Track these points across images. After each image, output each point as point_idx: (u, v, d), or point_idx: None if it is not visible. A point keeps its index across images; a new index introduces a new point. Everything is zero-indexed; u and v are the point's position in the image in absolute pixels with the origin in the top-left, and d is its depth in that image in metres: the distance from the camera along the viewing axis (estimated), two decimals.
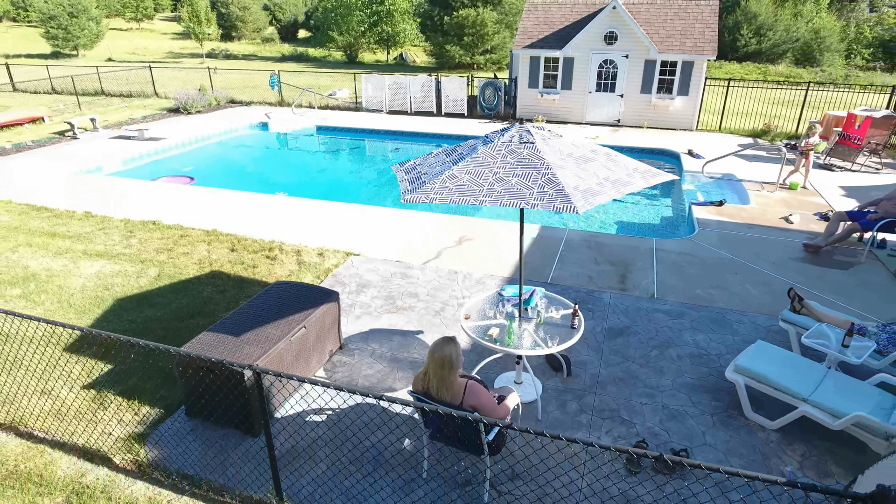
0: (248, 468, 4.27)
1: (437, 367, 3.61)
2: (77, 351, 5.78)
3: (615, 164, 3.99)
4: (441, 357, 3.61)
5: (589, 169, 3.79)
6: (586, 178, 3.65)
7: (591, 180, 3.66)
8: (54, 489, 4.14)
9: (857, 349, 4.86)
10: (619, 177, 3.79)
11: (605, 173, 3.78)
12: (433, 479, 4.16)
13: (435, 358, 3.64)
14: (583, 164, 3.83)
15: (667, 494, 4.02)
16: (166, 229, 8.72)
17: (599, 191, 3.58)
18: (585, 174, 3.70)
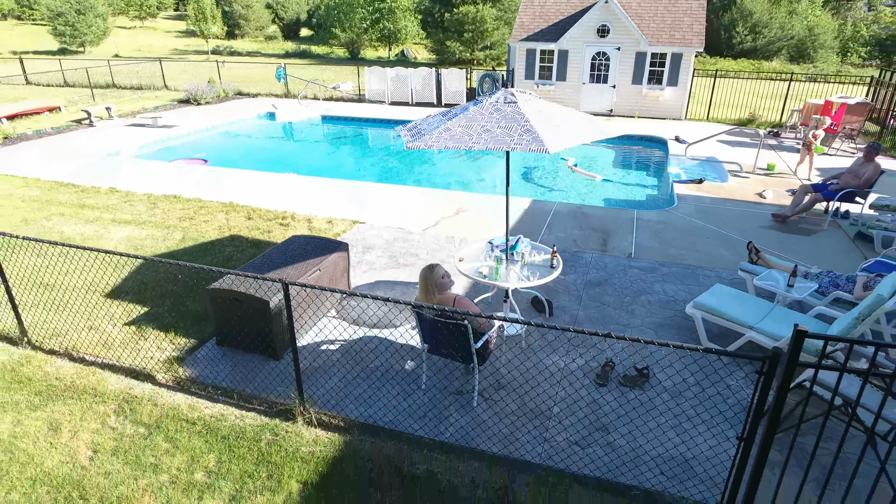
0: (273, 382, 5.00)
1: (423, 288, 4.36)
2: (115, 297, 6.51)
3: (581, 119, 4.72)
4: (425, 278, 4.37)
5: (560, 122, 4.51)
6: (557, 129, 4.38)
7: (562, 131, 4.38)
8: (107, 398, 4.87)
9: (800, 289, 5.57)
10: (584, 128, 4.52)
11: (572, 125, 4.51)
12: (430, 390, 4.89)
13: (421, 281, 4.39)
14: (555, 119, 4.56)
15: (629, 400, 4.75)
16: (186, 202, 9.46)
17: (567, 138, 4.31)
18: (557, 126, 4.43)
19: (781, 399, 3.26)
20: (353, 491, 3.90)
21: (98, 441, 4.37)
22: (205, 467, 4.12)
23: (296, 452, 4.24)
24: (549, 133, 4.27)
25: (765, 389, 3.27)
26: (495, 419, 4.56)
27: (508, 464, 4.13)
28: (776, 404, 3.29)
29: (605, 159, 13.80)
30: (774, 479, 3.57)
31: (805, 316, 5.31)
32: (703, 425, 4.45)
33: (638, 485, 3.94)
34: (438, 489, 3.90)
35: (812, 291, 5.58)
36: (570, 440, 4.34)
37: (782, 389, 3.24)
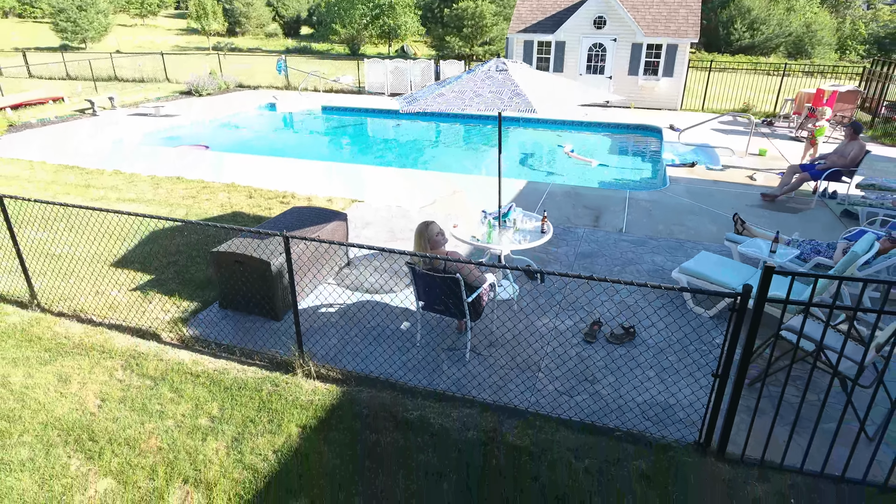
0: (273, 340, 5.20)
1: (417, 244, 4.57)
2: (121, 266, 6.71)
3: (569, 86, 4.92)
4: (420, 233, 4.58)
5: (549, 88, 4.72)
6: (546, 93, 4.58)
7: (551, 94, 4.58)
8: (114, 355, 5.07)
9: (782, 254, 5.77)
10: (572, 93, 4.72)
11: (561, 91, 4.71)
12: (425, 347, 5.09)
13: (416, 236, 4.60)
14: (545, 85, 4.76)
15: (616, 356, 4.95)
16: (189, 182, 9.66)
17: (556, 101, 4.51)
18: (546, 91, 4.63)
19: (753, 334, 3.46)
20: (350, 433, 4.10)
21: (106, 391, 4.58)
22: (208, 414, 4.32)
23: (295, 401, 4.44)
24: (538, 96, 4.47)
25: (737, 325, 3.48)
26: (487, 372, 4.76)
27: (498, 410, 4.33)
28: (748, 340, 3.50)
29: (601, 146, 14.01)
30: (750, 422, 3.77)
31: (784, 279, 5.50)
32: (685, 376, 4.65)
33: (621, 426, 4.15)
34: (431, 432, 4.10)
35: (793, 257, 5.78)
36: (557, 390, 4.54)
37: (753, 325, 3.44)
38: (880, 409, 4.30)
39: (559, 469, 3.76)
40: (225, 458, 3.89)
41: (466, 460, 3.84)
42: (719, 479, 3.69)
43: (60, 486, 3.68)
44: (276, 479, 3.72)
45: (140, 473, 3.77)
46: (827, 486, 3.65)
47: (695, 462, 3.81)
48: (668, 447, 3.94)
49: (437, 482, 3.66)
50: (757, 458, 3.79)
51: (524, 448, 3.94)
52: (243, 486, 3.66)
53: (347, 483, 3.67)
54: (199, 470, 3.79)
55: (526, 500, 3.52)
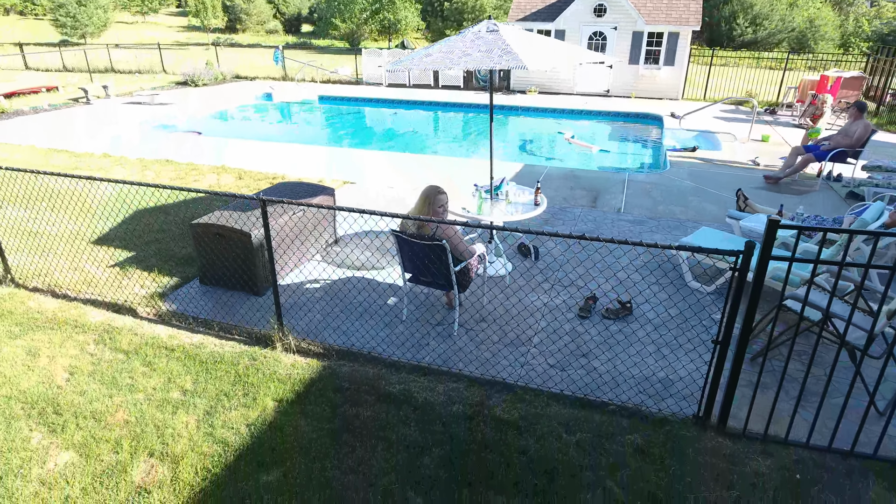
0: (254, 315, 4.98)
1: (421, 202, 4.34)
2: (102, 243, 6.50)
3: (563, 46, 4.69)
4: (426, 196, 4.35)
5: (541, 47, 4.49)
6: (537, 52, 4.35)
7: (542, 53, 4.35)
8: (88, 329, 4.85)
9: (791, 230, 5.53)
10: (565, 52, 4.49)
11: (553, 50, 4.48)
12: (412, 323, 4.87)
13: (421, 196, 4.38)
14: (536, 45, 4.53)
15: (611, 331, 4.72)
16: (178, 165, 9.45)
17: (547, 59, 4.28)
18: (537, 50, 4.40)
19: (756, 296, 3.23)
20: (329, 407, 3.87)
21: (75, 365, 4.36)
22: (181, 387, 4.10)
23: (273, 374, 4.21)
24: (529, 53, 4.24)
25: (739, 286, 3.25)
26: (475, 346, 4.53)
27: (486, 384, 4.11)
28: (751, 303, 3.26)
29: (601, 134, 13.77)
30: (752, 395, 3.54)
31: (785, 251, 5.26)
32: (685, 351, 4.42)
33: (615, 400, 3.91)
34: (414, 405, 3.88)
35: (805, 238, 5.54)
36: (549, 364, 4.31)
37: (756, 286, 3.21)
38: (891, 383, 4.07)
39: (549, 443, 3.53)
40: (195, 431, 3.67)
41: (450, 433, 3.62)
42: (720, 453, 3.46)
43: (18, 458, 3.46)
44: (247, 452, 3.50)
45: (104, 447, 3.55)
46: (835, 460, 3.42)
47: (693, 436, 3.58)
48: (665, 421, 3.71)
49: (419, 455, 3.44)
50: (760, 432, 3.56)
51: (512, 422, 3.72)
52: (212, 459, 3.44)
53: (323, 456, 3.44)
54: (167, 443, 3.57)
55: (512, 474, 3.30)
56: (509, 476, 3.29)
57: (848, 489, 3.22)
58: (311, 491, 3.20)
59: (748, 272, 3.18)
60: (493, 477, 3.28)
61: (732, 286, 3.28)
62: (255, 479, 3.29)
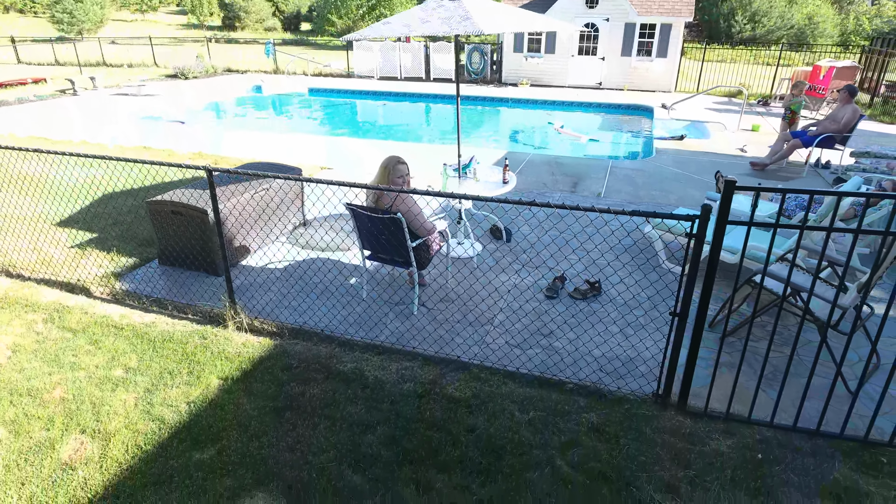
0: (210, 295, 4.81)
1: (381, 173, 4.19)
2: (64, 225, 6.34)
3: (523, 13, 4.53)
4: (385, 167, 4.19)
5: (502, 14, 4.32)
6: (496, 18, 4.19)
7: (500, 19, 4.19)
8: (38, 309, 4.69)
9: (764, 209, 5.36)
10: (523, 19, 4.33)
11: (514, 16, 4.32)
12: (371, 302, 4.70)
13: (380, 168, 4.22)
14: (497, 12, 4.36)
15: (577, 311, 4.55)
16: (155, 151, 9.29)
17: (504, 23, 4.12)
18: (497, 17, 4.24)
19: (714, 264, 3.06)
20: (275, 385, 3.71)
21: (19, 343, 4.20)
22: (124, 365, 3.93)
23: (221, 353, 4.05)
24: (486, 19, 4.08)
25: (696, 253, 3.08)
26: (433, 326, 4.36)
27: (441, 363, 3.94)
28: (708, 272, 3.10)
29: (592, 124, 13.59)
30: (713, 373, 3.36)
31: (766, 233, 5.09)
32: (648, 333, 4.25)
33: (574, 378, 3.74)
34: (364, 384, 3.71)
35: (774, 212, 5.36)
36: (509, 343, 4.14)
37: (714, 253, 3.05)
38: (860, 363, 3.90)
39: (500, 421, 3.36)
40: (132, 409, 3.51)
41: (398, 412, 3.45)
42: (679, 432, 3.29)
43: None
44: (183, 429, 3.33)
45: (35, 424, 3.38)
46: (800, 440, 3.24)
47: (652, 415, 3.41)
48: (625, 400, 3.54)
49: (362, 433, 3.27)
50: (722, 411, 3.39)
51: (463, 400, 3.55)
52: (145, 436, 3.27)
53: (261, 434, 3.28)
54: (101, 421, 3.40)
55: (458, 452, 3.13)
56: (454, 454, 3.12)
57: (813, 469, 3.05)
58: (243, 468, 3.04)
59: (704, 238, 3.01)
60: (438, 455, 3.12)
61: (688, 254, 3.12)
62: (187, 456, 3.13)
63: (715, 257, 3.05)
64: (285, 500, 2.85)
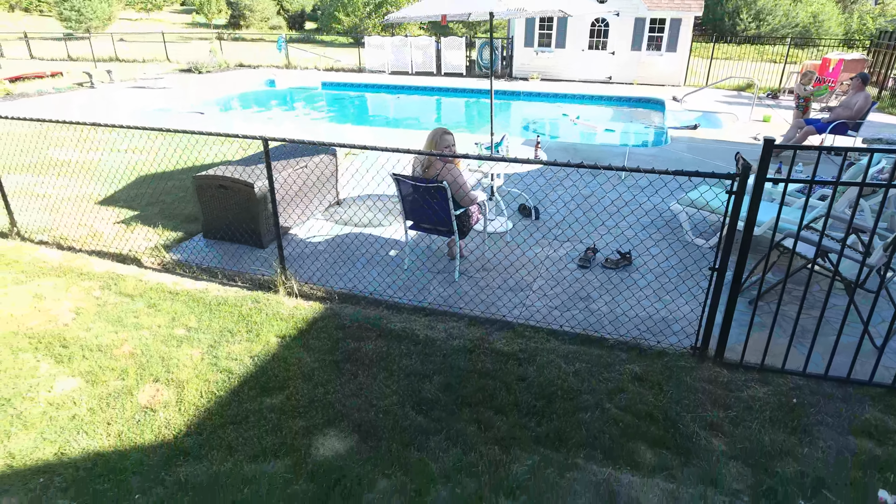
0: (257, 265, 5.03)
1: (428, 143, 4.40)
2: (107, 204, 6.57)
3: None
4: (432, 134, 4.41)
5: None
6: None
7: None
8: (93, 277, 4.91)
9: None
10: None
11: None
12: (414, 271, 4.92)
13: (428, 139, 4.44)
14: None
15: (611, 279, 4.76)
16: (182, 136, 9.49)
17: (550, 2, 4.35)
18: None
19: (751, 221, 3.27)
20: (331, 341, 3.92)
21: (81, 306, 4.42)
22: (185, 325, 4.15)
23: (276, 314, 4.27)
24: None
25: (735, 210, 3.29)
26: (476, 291, 4.58)
27: (486, 322, 4.16)
28: (746, 229, 3.31)
29: (605, 117, 13.80)
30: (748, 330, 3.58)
31: (789, 208, 5.30)
32: (682, 297, 4.45)
33: (614, 335, 3.96)
34: (415, 340, 3.92)
35: (795, 191, 5.58)
36: (549, 306, 4.36)
37: (752, 210, 3.26)
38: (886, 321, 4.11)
39: (548, 371, 3.57)
40: (199, 362, 3.73)
41: (451, 364, 3.66)
42: (717, 380, 3.50)
43: (26, 384, 3.52)
44: (251, 379, 3.55)
45: (110, 375, 3.60)
46: (831, 387, 3.46)
47: (691, 366, 3.62)
48: (664, 353, 3.76)
49: (419, 382, 3.49)
50: (756, 362, 3.60)
51: (512, 354, 3.76)
52: (216, 384, 3.50)
53: (325, 382, 3.50)
54: (171, 372, 3.62)
55: (512, 397, 3.34)
56: (509, 399, 3.33)
57: (844, 411, 3.26)
58: (313, 411, 3.25)
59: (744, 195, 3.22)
60: (494, 399, 3.33)
61: (728, 210, 3.33)
62: (258, 401, 3.35)
63: (753, 214, 3.26)
64: (357, 436, 3.07)
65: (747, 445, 2.98)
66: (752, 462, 2.88)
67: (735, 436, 3.05)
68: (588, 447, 2.97)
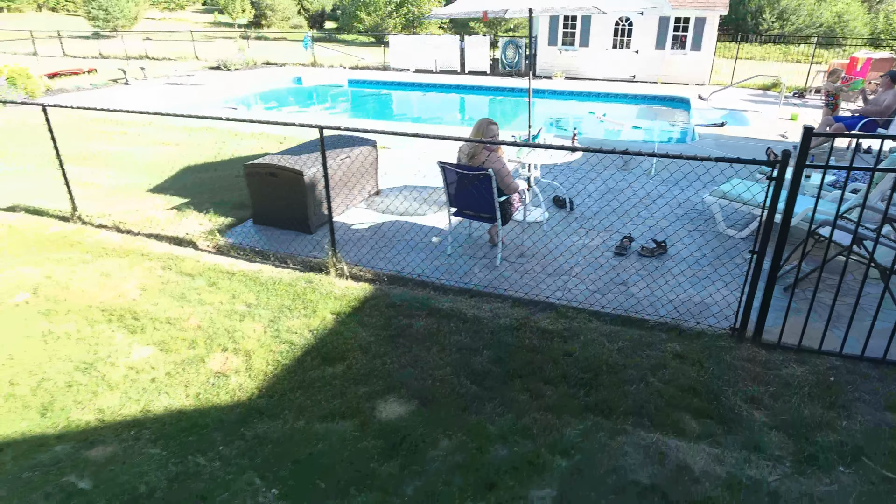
0: (306, 249, 5.28)
1: (475, 133, 4.61)
2: (157, 192, 6.88)
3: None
4: (478, 124, 4.62)
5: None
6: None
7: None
8: (153, 258, 5.20)
9: (816, 179, 5.69)
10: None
11: None
12: (457, 257, 5.13)
13: (474, 127, 4.65)
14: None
15: (651, 270, 4.93)
16: (219, 131, 9.84)
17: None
18: None
19: (790, 206, 3.44)
20: (383, 318, 4.15)
21: (146, 283, 4.70)
22: (245, 302, 4.41)
23: (329, 293, 4.51)
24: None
25: (775, 195, 3.45)
26: (518, 275, 4.78)
27: (529, 304, 4.36)
28: (785, 214, 3.47)
29: (631, 115, 13.91)
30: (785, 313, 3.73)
31: (822, 200, 5.42)
32: (717, 285, 4.60)
33: (654, 316, 4.14)
34: (463, 319, 4.14)
35: (827, 184, 5.69)
36: (589, 290, 4.54)
37: (791, 194, 3.42)
38: None
39: (592, 348, 3.76)
40: (262, 334, 3.98)
41: (499, 340, 3.87)
42: (755, 359, 3.66)
43: (105, 351, 3.79)
44: (312, 350, 3.79)
45: (181, 344, 3.86)
46: (868, 367, 3.60)
47: (730, 346, 3.79)
48: (702, 334, 3.93)
49: (471, 355, 3.70)
50: (794, 344, 3.75)
51: (556, 332, 3.96)
52: (281, 354, 3.74)
53: (382, 354, 3.72)
54: (237, 342, 3.87)
55: (560, 370, 3.54)
56: (557, 371, 3.53)
57: (881, 390, 3.40)
58: (373, 378, 3.48)
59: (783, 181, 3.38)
60: (542, 371, 3.53)
61: (768, 197, 3.49)
62: (321, 369, 3.58)
63: (792, 198, 3.42)
64: (416, 402, 3.29)
65: (787, 418, 3.15)
66: (792, 433, 3.05)
67: (775, 409, 3.22)
68: (635, 415, 3.16)
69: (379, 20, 40.86)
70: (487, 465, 2.82)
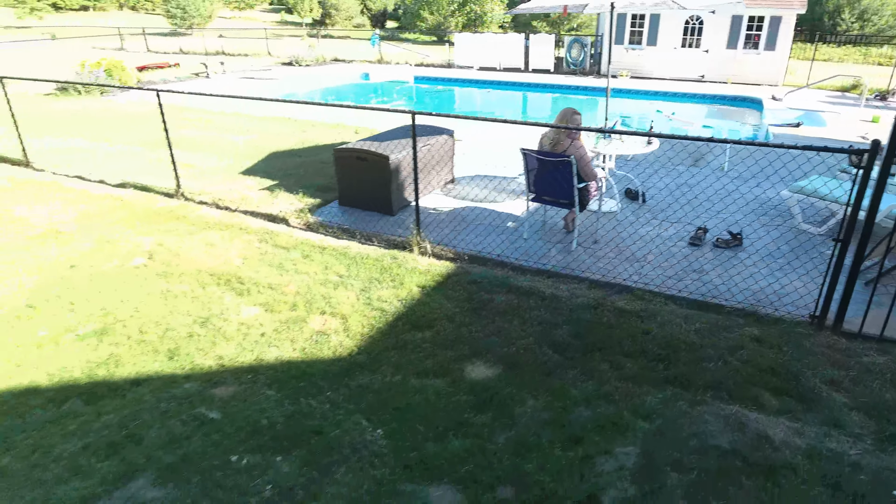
0: (389, 230, 5.62)
1: (558, 122, 4.82)
2: (247, 174, 7.40)
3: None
4: (562, 113, 4.83)
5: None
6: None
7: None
8: (250, 232, 5.65)
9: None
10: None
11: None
12: (533, 242, 5.35)
13: (557, 116, 4.86)
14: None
15: (725, 260, 5.00)
16: (298, 121, 10.40)
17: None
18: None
19: (878, 197, 3.48)
20: (466, 293, 4.41)
21: (246, 253, 5.14)
22: (336, 273, 4.77)
23: (414, 269, 4.81)
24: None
25: (863, 184, 3.50)
26: (593, 260, 4.95)
27: (605, 286, 4.53)
28: (872, 203, 3.51)
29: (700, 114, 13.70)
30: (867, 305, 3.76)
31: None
32: (795, 269, 4.63)
33: (730, 302, 4.23)
34: (542, 297, 4.35)
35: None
36: (664, 275, 4.66)
37: (879, 186, 3.46)
38: None
39: (669, 328, 3.90)
40: (355, 301, 4.32)
41: (577, 317, 4.06)
42: (835, 347, 3.72)
43: (218, 308, 4.22)
44: (402, 317, 4.09)
45: (283, 306, 4.25)
46: None
47: (808, 333, 3.85)
48: (780, 321, 4.00)
49: (551, 329, 3.91)
50: (875, 334, 3.78)
51: (633, 312, 4.12)
52: (374, 318, 4.06)
53: (467, 324, 3.99)
54: (333, 307, 4.23)
55: (638, 346, 3.70)
56: (635, 347, 3.70)
57: None
58: (460, 344, 3.75)
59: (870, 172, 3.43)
60: (621, 346, 3.71)
61: (855, 186, 3.54)
62: (412, 334, 3.88)
63: (879, 190, 3.46)
64: (502, 366, 3.54)
65: (868, 401, 3.21)
66: (873, 414, 3.11)
67: (855, 392, 3.29)
68: (713, 389, 3.30)
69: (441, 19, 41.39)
70: (573, 422, 3.04)
